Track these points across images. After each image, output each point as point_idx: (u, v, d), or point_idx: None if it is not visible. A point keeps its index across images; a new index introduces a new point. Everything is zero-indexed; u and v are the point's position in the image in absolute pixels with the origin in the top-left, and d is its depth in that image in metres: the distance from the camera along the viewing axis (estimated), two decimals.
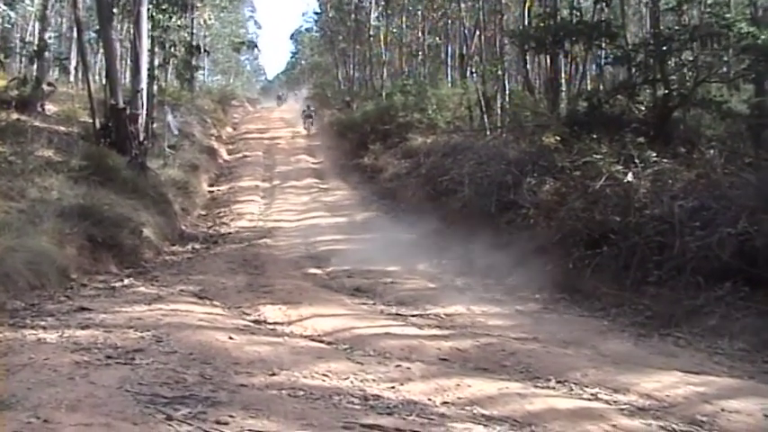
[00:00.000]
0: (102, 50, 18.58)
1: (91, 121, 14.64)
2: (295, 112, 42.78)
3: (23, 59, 24.76)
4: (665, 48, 13.11)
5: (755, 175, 9.22)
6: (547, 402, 4.75)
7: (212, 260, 11.74)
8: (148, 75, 16.45)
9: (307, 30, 54.86)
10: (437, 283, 10.50)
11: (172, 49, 20.21)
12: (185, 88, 28.86)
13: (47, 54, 20.08)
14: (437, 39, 31.03)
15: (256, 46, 54.88)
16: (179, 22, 21.13)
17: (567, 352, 6.40)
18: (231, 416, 3.88)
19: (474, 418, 4.39)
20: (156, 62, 19.21)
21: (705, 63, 12.82)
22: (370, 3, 32.47)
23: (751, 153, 10.96)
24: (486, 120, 19.14)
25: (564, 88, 17.34)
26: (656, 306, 8.04)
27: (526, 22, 18.88)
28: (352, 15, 34.73)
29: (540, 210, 11.40)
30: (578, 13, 15.94)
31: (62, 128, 16.27)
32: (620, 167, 10.57)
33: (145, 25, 15.51)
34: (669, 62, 13.33)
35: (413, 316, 8.11)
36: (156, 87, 18.82)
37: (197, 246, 13.23)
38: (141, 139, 14.49)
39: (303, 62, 63.29)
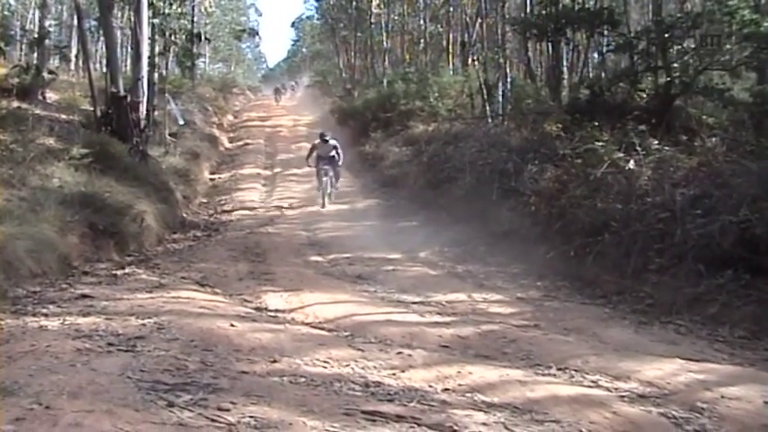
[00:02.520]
0: (102, 38, 18.53)
1: (92, 108, 14.62)
2: (297, 100, 42.71)
3: (24, 47, 24.80)
4: (667, 35, 13.05)
5: (757, 164, 9.16)
6: (548, 389, 4.75)
7: (214, 248, 11.74)
8: (149, 63, 16.43)
9: (308, 17, 54.88)
10: (438, 270, 10.50)
11: (172, 37, 20.18)
12: (186, 76, 28.93)
13: (47, 42, 20.04)
14: (439, 26, 30.92)
15: (257, 34, 54.70)
16: (180, 10, 21.06)
17: (568, 339, 6.39)
18: (232, 402, 3.88)
19: (475, 405, 4.39)
20: (157, 50, 19.16)
21: (707, 51, 12.76)
22: None
23: (753, 141, 10.90)
24: (487, 107, 19.10)
25: (566, 76, 17.31)
26: (657, 294, 8.03)
27: (528, 10, 18.83)
28: (354, 3, 34.64)
29: (541, 197, 11.40)
30: (580, 1, 15.89)
31: (63, 116, 16.24)
32: (622, 155, 10.57)
33: (145, 13, 15.47)
34: (671, 50, 13.26)
35: (414, 303, 8.09)
36: (156, 75, 18.82)
37: (198, 233, 13.24)
38: (142, 126, 14.49)
39: (304, 50, 63.19)
